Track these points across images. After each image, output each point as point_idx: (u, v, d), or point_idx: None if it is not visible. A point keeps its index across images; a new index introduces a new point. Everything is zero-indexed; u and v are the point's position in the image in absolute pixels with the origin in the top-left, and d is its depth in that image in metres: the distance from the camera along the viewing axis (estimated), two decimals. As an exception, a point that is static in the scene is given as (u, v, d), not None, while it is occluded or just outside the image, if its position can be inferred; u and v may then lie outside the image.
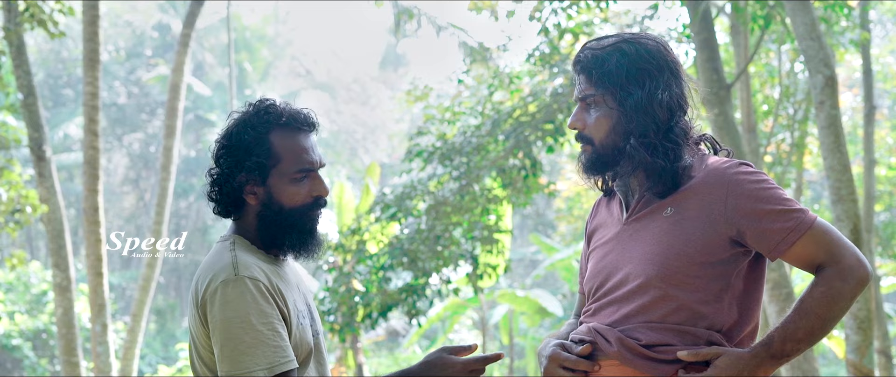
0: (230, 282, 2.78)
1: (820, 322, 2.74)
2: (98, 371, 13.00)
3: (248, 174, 2.89)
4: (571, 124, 2.96)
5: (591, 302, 3.00)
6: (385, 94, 45.34)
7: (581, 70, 2.93)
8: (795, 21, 8.22)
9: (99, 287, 12.88)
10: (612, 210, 3.08)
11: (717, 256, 2.79)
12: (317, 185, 2.96)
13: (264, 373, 2.73)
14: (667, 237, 2.83)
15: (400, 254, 12.55)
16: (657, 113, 2.84)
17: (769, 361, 2.75)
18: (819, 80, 8.06)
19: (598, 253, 3.03)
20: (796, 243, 2.75)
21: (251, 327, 2.74)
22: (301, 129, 2.96)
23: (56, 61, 36.86)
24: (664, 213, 2.87)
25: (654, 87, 2.85)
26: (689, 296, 2.79)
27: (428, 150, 13.05)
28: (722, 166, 2.85)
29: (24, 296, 25.50)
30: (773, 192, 2.79)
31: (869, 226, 15.73)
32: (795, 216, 2.76)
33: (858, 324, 8.16)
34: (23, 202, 12.31)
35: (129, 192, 38.63)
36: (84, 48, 13.20)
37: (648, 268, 2.83)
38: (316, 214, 2.98)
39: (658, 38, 2.97)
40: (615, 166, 2.92)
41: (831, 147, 8.14)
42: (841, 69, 24.11)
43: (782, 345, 2.75)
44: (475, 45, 17.73)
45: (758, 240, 2.78)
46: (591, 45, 2.95)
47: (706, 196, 2.82)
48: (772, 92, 16.29)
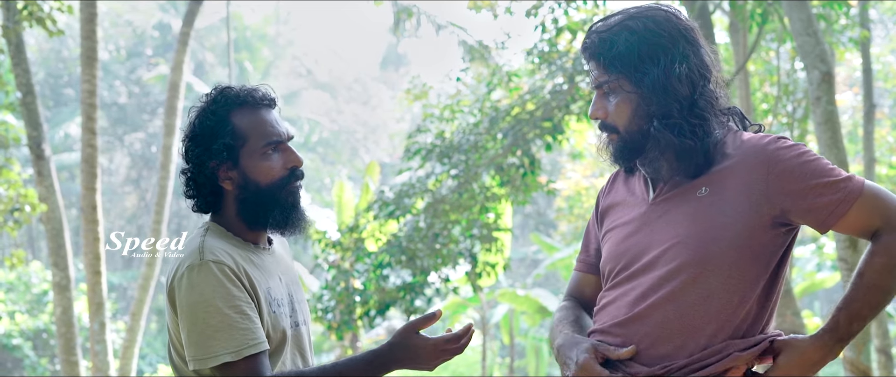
0: (195, 266, 2.76)
1: (883, 294, 2.60)
2: (96, 370, 13.00)
3: (219, 159, 2.87)
4: (593, 114, 2.79)
5: (611, 285, 2.82)
6: (386, 93, 45.36)
7: (591, 56, 2.78)
8: (792, 17, 8.22)
9: (97, 286, 12.88)
10: (632, 187, 2.90)
11: (757, 239, 2.64)
12: (289, 156, 2.94)
13: (231, 356, 2.70)
14: (702, 218, 2.67)
15: (398, 252, 12.54)
16: (678, 88, 2.68)
17: (836, 346, 2.65)
18: (815, 76, 8.05)
19: (618, 232, 2.85)
20: (847, 214, 2.62)
21: (217, 310, 2.71)
22: (260, 105, 2.95)
23: (57, 60, 36.86)
24: (698, 193, 2.70)
25: (669, 61, 2.68)
26: (722, 284, 2.64)
27: (426, 148, 13.04)
28: (761, 142, 2.68)
29: (25, 295, 25.50)
30: (817, 164, 2.64)
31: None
32: (842, 185, 2.62)
33: (855, 321, 8.14)
34: (22, 201, 12.31)
35: (131, 192, 38.61)
36: (82, 46, 13.20)
37: (682, 251, 2.66)
38: (295, 187, 2.95)
39: (667, 6, 2.78)
40: (645, 151, 2.75)
41: (828, 143, 8.12)
42: (841, 68, 24.10)
43: (849, 327, 2.62)
44: (474, 43, 17.71)
45: (805, 216, 2.64)
46: (597, 27, 2.78)
47: (745, 175, 2.65)
48: (772, 90, 16.27)
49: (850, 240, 8.01)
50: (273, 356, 2.87)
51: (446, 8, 64.29)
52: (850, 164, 23.33)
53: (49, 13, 11.58)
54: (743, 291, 2.66)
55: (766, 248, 2.67)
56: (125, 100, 37.91)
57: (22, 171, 14.24)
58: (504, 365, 29.70)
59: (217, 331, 2.71)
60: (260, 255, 2.96)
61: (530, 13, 12.46)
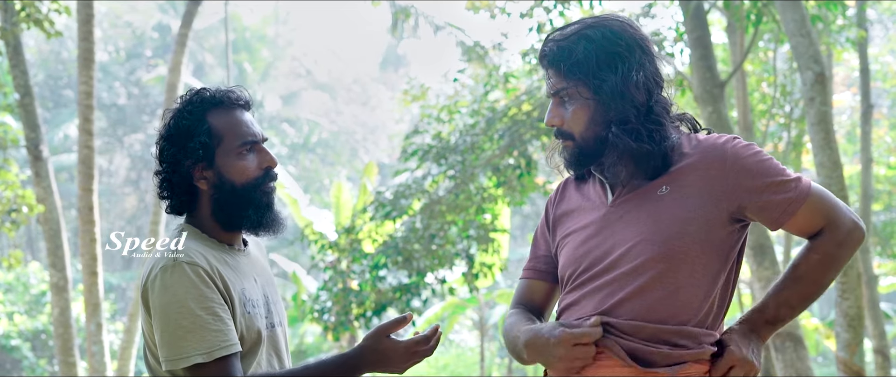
0: (168, 267, 2.77)
1: (815, 287, 2.77)
2: (93, 370, 13.02)
3: (194, 158, 2.88)
4: (549, 122, 2.85)
5: (572, 288, 2.87)
6: (385, 94, 45.35)
7: (549, 64, 2.83)
8: (785, 17, 8.23)
9: (94, 286, 12.90)
10: (587, 193, 2.96)
11: (716, 234, 2.73)
12: (264, 156, 2.95)
13: (203, 357, 2.71)
14: (666, 215, 2.74)
15: (395, 253, 12.55)
16: (635, 95, 2.75)
17: (766, 327, 2.77)
18: (809, 77, 8.06)
19: (576, 237, 2.90)
20: (798, 212, 2.74)
21: (189, 311, 2.72)
22: (236, 106, 2.95)
23: (56, 62, 36.88)
24: (659, 192, 2.78)
25: (627, 69, 2.75)
26: (688, 279, 2.72)
27: (423, 148, 13.05)
28: (718, 142, 2.79)
29: (24, 296, 25.52)
30: (771, 163, 2.75)
31: (866, 225, 15.72)
32: (794, 185, 2.74)
33: (849, 322, 8.16)
34: (19, 202, 12.33)
35: (130, 193, 38.62)
36: (79, 48, 13.23)
37: (647, 247, 2.72)
38: (269, 188, 2.96)
39: (622, 17, 2.86)
40: (600, 157, 2.83)
41: (821, 143, 8.14)
42: (840, 68, 24.10)
43: (777, 311, 2.77)
44: (472, 44, 17.71)
45: (759, 213, 2.75)
46: (555, 36, 2.84)
47: (704, 172, 2.75)
48: (770, 90, 16.29)
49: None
50: (248, 357, 2.87)
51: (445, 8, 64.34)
52: (847, 164, 23.39)
53: (47, 14, 11.60)
54: (707, 285, 2.74)
55: (725, 243, 2.76)
56: (124, 101, 37.93)
57: (20, 172, 14.26)
58: (502, 365, 29.69)
59: (189, 332, 2.71)
60: (235, 257, 2.96)
61: (525, 15, 12.48)
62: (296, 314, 22.10)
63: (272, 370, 2.94)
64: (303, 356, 24.99)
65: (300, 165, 40.09)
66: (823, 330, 23.40)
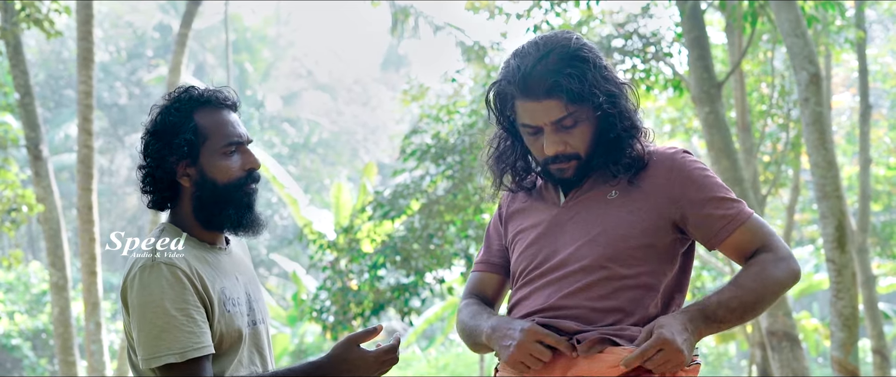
0: (147, 267, 2.79)
1: (753, 296, 2.75)
2: (92, 370, 13.04)
3: (179, 155, 2.90)
4: (555, 152, 2.84)
5: (522, 284, 2.94)
6: (386, 94, 45.37)
7: (549, 95, 2.79)
8: (780, 18, 8.25)
9: (93, 285, 12.92)
10: (539, 192, 3.03)
11: (660, 240, 2.81)
12: (248, 158, 2.97)
13: (175, 358, 2.74)
14: (612, 219, 2.82)
15: (393, 253, 12.58)
16: (627, 103, 2.86)
17: (704, 322, 2.74)
18: (804, 77, 8.08)
19: (527, 234, 2.97)
20: (736, 232, 2.80)
21: (164, 312, 2.75)
22: (223, 106, 2.98)
23: (57, 62, 36.92)
24: (609, 196, 2.86)
25: (613, 81, 2.84)
26: (632, 280, 2.79)
27: (421, 148, 13.08)
28: (667, 152, 2.88)
29: (24, 295, 25.54)
30: (715, 181, 2.84)
31: (864, 225, 15.74)
32: (736, 205, 2.82)
33: (843, 322, 8.18)
34: (19, 201, 12.36)
35: (131, 193, 38.64)
36: (78, 47, 13.24)
37: (594, 249, 2.81)
38: (251, 189, 2.98)
39: (572, 33, 2.90)
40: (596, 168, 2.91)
41: (816, 144, 8.16)
42: (839, 69, 24.09)
43: (716, 310, 2.75)
44: (472, 44, 17.74)
45: (699, 227, 2.82)
46: (543, 67, 2.79)
47: (653, 180, 2.83)
48: (769, 91, 16.31)
49: (838, 242, 8.06)
50: (229, 355, 2.90)
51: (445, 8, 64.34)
52: (846, 165, 23.41)
53: (47, 14, 11.63)
54: (650, 287, 2.82)
55: (669, 249, 2.85)
56: (126, 101, 37.98)
57: (20, 171, 14.29)
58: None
59: (163, 332, 2.75)
60: (216, 255, 2.99)
61: (522, 16, 12.51)
62: (295, 313, 22.14)
63: (253, 369, 2.97)
64: (302, 355, 25.01)
65: (301, 165, 40.12)
66: (823, 330, 23.43)
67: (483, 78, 15.04)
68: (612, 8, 14.76)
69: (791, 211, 17.38)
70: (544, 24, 12.08)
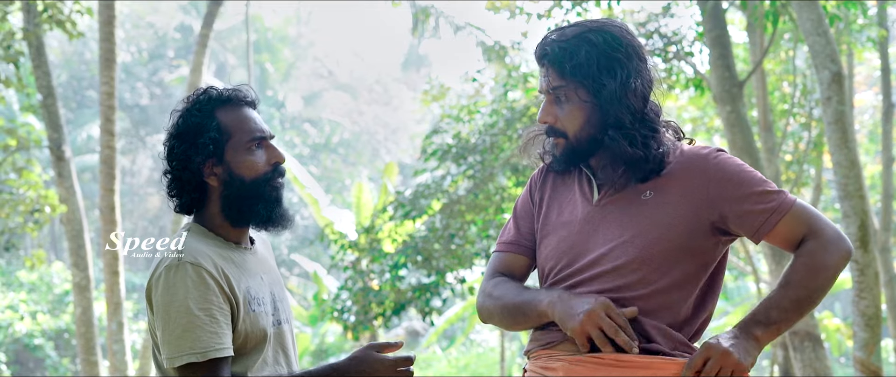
0: (173, 267, 2.81)
1: (805, 291, 2.76)
2: (114, 369, 13.11)
3: (205, 155, 2.92)
4: (542, 119, 2.89)
5: (553, 282, 2.91)
6: (407, 94, 45.36)
7: (550, 63, 2.85)
8: (802, 17, 8.21)
9: (115, 286, 12.99)
10: (569, 185, 3.00)
11: (697, 241, 2.79)
12: (272, 152, 2.99)
13: (197, 357, 2.76)
14: (648, 220, 2.80)
15: (414, 253, 12.59)
16: (632, 102, 2.80)
17: (756, 326, 2.76)
18: (825, 76, 8.04)
19: (559, 231, 2.94)
20: (780, 223, 2.78)
21: (188, 311, 2.77)
22: (243, 103, 3.00)
23: (79, 62, 37.10)
24: (643, 196, 2.83)
25: (626, 75, 2.79)
26: (666, 283, 2.77)
27: (442, 148, 13.09)
28: (701, 152, 2.85)
29: (47, 296, 25.69)
30: (753, 175, 2.81)
31: (887, 224, 15.66)
32: (777, 197, 2.79)
33: (866, 321, 8.14)
34: (42, 202, 12.44)
35: (153, 194, 38.80)
36: (100, 48, 13.32)
37: (629, 249, 2.78)
38: (278, 183, 3.00)
39: (621, 23, 2.91)
40: (590, 156, 2.89)
41: (838, 143, 8.12)
42: (862, 67, 23.97)
43: (767, 313, 2.76)
44: (492, 44, 17.74)
45: (741, 223, 2.79)
46: (555, 37, 2.86)
47: (687, 181, 2.81)
48: (791, 90, 16.24)
49: (861, 241, 8.02)
50: (254, 354, 2.92)
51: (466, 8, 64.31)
52: (869, 163, 23.28)
53: (69, 16, 11.69)
54: (684, 290, 2.80)
55: (705, 252, 2.82)
56: (147, 101, 38.13)
57: (43, 172, 14.37)
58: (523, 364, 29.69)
59: (186, 331, 2.77)
60: (242, 255, 3.00)
61: (542, 15, 12.51)
62: (317, 313, 22.17)
63: (278, 368, 2.99)
64: (323, 355, 25.05)
65: (322, 165, 40.18)
66: (845, 330, 23.30)
67: (503, 78, 15.04)
68: (633, 7, 14.76)
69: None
70: (564, 24, 12.06)
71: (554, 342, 2.86)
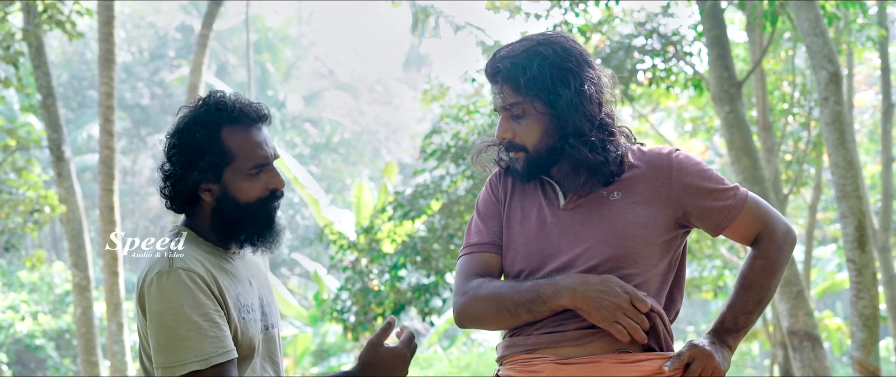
0: (165, 273, 2.75)
1: (765, 291, 2.94)
2: (114, 370, 13.11)
3: (203, 177, 2.86)
4: (500, 136, 2.93)
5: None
6: (408, 94, 45.36)
7: (504, 80, 2.89)
8: (799, 17, 8.21)
9: (115, 286, 12.99)
10: (533, 192, 3.01)
11: (663, 237, 2.88)
12: (272, 178, 2.92)
13: (200, 365, 2.71)
14: (620, 219, 2.86)
15: (413, 253, 12.59)
16: (589, 108, 2.86)
17: (728, 335, 2.92)
18: (823, 77, 8.04)
19: (526, 233, 2.95)
20: (737, 218, 2.93)
21: (186, 318, 2.72)
22: (253, 123, 2.91)
23: (79, 62, 37.10)
24: (611, 197, 2.89)
25: (579, 83, 2.85)
26: (640, 277, 2.84)
27: (441, 148, 13.09)
28: (662, 152, 2.95)
29: (47, 296, 25.68)
30: (712, 173, 2.94)
31: (886, 224, 15.64)
32: (733, 193, 2.93)
33: (864, 322, 8.14)
34: (42, 202, 12.45)
35: (154, 193, 38.80)
36: (100, 48, 13.33)
37: (603, 249, 2.84)
38: (273, 207, 2.95)
39: (566, 35, 2.98)
40: (551, 167, 2.92)
41: (836, 143, 8.12)
42: (862, 67, 23.97)
43: (735, 320, 2.92)
44: (492, 43, 17.74)
45: (702, 218, 2.92)
46: (505, 53, 2.91)
47: (653, 180, 2.90)
48: (790, 89, 16.25)
49: (859, 242, 8.02)
50: (243, 363, 2.87)
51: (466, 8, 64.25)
52: (869, 163, 23.27)
53: (68, 16, 11.70)
54: (657, 283, 2.89)
55: (670, 246, 2.93)
56: (148, 101, 38.13)
57: (43, 172, 14.38)
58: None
59: (185, 339, 2.71)
60: (231, 261, 2.96)
61: (541, 15, 12.51)
62: (317, 313, 22.17)
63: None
64: (323, 355, 25.05)
65: (322, 165, 40.19)
66: (846, 330, 23.30)
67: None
68: (633, 7, 14.74)
69: (813, 210, 17.30)
70: (563, 24, 12.07)
71: (539, 346, 2.86)
